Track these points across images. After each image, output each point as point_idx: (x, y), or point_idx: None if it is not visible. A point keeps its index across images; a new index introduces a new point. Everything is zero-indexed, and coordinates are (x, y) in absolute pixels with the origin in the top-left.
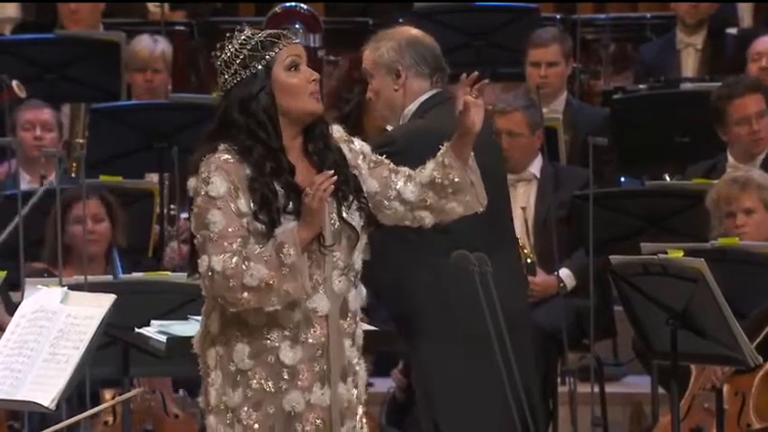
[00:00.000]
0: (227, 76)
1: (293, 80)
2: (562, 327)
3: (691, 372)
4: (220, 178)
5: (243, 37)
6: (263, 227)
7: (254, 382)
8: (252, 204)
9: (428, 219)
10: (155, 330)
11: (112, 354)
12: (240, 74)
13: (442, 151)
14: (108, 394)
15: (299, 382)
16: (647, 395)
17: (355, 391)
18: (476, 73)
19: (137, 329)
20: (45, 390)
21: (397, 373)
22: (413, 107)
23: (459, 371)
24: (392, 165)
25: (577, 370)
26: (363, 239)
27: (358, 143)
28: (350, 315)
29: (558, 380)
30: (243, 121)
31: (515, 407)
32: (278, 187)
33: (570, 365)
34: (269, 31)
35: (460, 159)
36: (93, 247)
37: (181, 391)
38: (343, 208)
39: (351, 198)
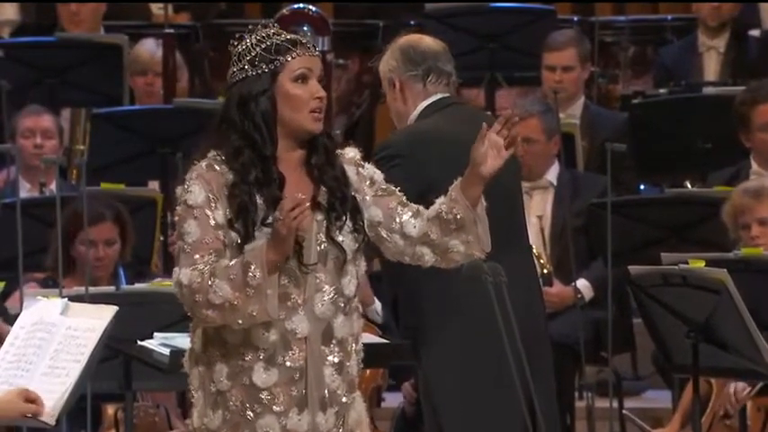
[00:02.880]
0: (234, 70)
1: (297, 91)
2: (579, 339)
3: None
4: (199, 187)
5: (262, 33)
6: (238, 237)
7: (231, 404)
8: (228, 213)
9: (428, 256)
10: (158, 343)
11: (114, 367)
12: (247, 71)
13: (452, 186)
14: (110, 409)
15: (275, 407)
16: (667, 410)
17: (341, 429)
18: (516, 118)
19: (139, 342)
20: (45, 404)
21: (407, 387)
22: (415, 113)
23: (463, 384)
24: (403, 198)
25: (595, 384)
26: (360, 264)
27: (369, 169)
28: (334, 342)
29: (576, 394)
30: (239, 119)
31: (523, 418)
32: (259, 199)
33: (588, 380)
34: (289, 36)
35: (468, 198)
36: (100, 271)
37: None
38: (335, 228)
39: (344, 219)
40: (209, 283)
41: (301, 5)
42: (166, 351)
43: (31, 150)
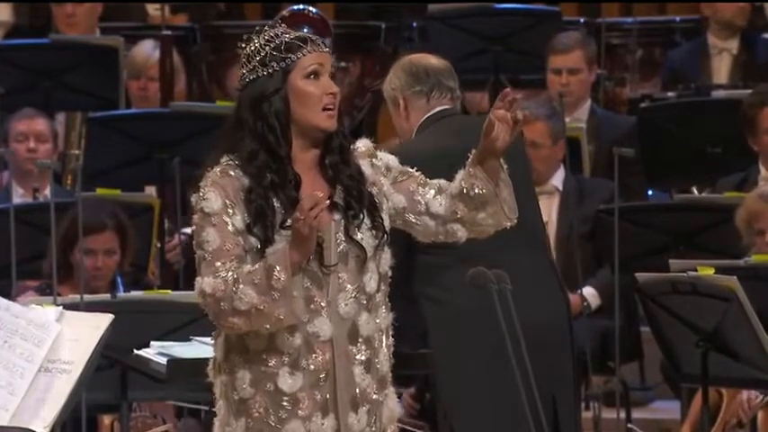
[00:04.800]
0: (245, 71)
1: (309, 88)
2: (586, 348)
3: (722, 397)
4: (215, 194)
5: (271, 33)
6: (258, 242)
7: (255, 411)
8: (246, 217)
9: (461, 232)
10: (155, 352)
11: (110, 377)
12: (258, 71)
13: (469, 161)
14: (107, 420)
15: (300, 411)
16: (676, 421)
17: (374, 426)
18: (518, 97)
19: (136, 351)
20: (39, 415)
21: (407, 398)
22: (416, 129)
23: (473, 386)
24: (423, 177)
25: (602, 394)
26: (381, 259)
27: (383, 157)
28: (361, 340)
29: (582, 405)
30: (252, 121)
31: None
32: (276, 203)
33: (595, 390)
34: (298, 34)
35: (488, 170)
36: (99, 281)
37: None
38: (354, 227)
39: (361, 216)
40: (234, 289)
41: (302, 6)
42: (163, 360)
43: (24, 155)
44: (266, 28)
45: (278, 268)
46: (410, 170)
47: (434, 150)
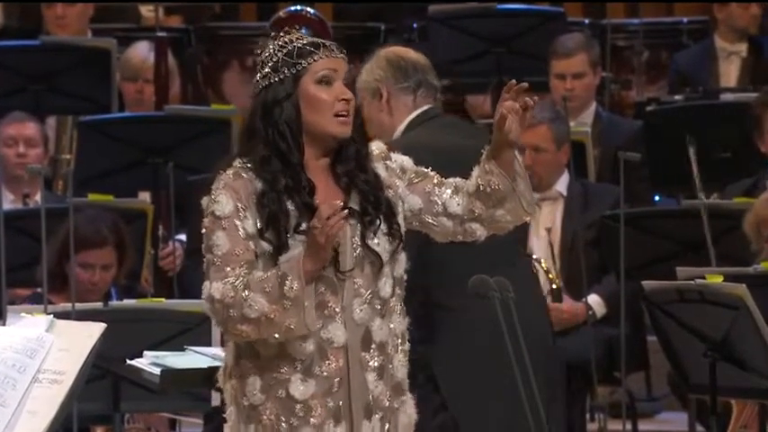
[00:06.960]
0: (257, 78)
1: (320, 94)
2: (591, 358)
3: (731, 408)
4: (227, 197)
5: (285, 39)
6: (270, 247)
7: (265, 417)
8: (259, 222)
9: (480, 231)
10: (148, 362)
11: (102, 387)
12: (270, 77)
13: (483, 157)
14: (99, 431)
15: (312, 419)
16: None
17: None
18: (518, 83)
19: (128, 361)
20: (30, 427)
21: None
22: (401, 127)
23: (479, 391)
24: (438, 177)
25: (608, 405)
26: (396, 264)
27: (397, 159)
28: (374, 347)
29: (587, 416)
30: (263, 128)
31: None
32: (290, 206)
33: (600, 401)
34: (311, 39)
35: (503, 162)
36: (94, 294)
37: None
38: (370, 233)
39: (378, 223)
40: (244, 296)
41: (299, 7)
42: (157, 370)
43: (14, 160)
44: (281, 34)
45: (291, 277)
46: (425, 170)
47: (449, 146)
